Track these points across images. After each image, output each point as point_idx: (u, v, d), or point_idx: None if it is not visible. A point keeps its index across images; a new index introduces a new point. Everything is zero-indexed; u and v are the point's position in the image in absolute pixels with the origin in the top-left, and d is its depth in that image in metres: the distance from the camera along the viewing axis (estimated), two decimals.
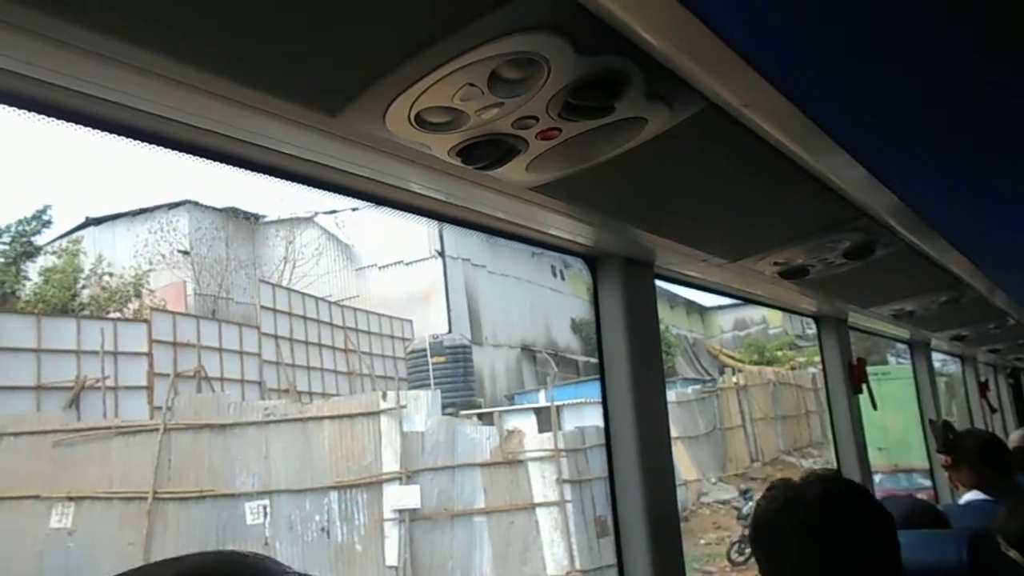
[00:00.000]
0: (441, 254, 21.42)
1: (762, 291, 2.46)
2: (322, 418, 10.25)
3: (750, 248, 1.89)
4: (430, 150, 1.08)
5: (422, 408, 10.40)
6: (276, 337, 17.66)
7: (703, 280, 2.20)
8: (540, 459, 9.70)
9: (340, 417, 10.22)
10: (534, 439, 10.29)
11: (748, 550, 10.52)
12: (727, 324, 33.07)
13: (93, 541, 10.08)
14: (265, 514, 9.67)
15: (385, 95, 0.93)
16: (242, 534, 9.52)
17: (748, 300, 2.64)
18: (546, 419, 16.20)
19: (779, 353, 26.99)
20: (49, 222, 20.63)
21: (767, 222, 1.77)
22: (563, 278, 25.43)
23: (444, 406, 11.91)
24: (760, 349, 27.94)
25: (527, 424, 14.32)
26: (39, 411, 12.32)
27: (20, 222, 20.05)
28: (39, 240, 20.31)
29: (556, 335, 24.61)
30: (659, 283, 1.94)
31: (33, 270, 19.00)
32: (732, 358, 27.76)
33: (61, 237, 20.48)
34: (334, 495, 9.83)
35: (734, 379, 19.90)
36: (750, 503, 10.96)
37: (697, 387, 18.20)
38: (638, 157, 1.22)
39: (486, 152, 1.07)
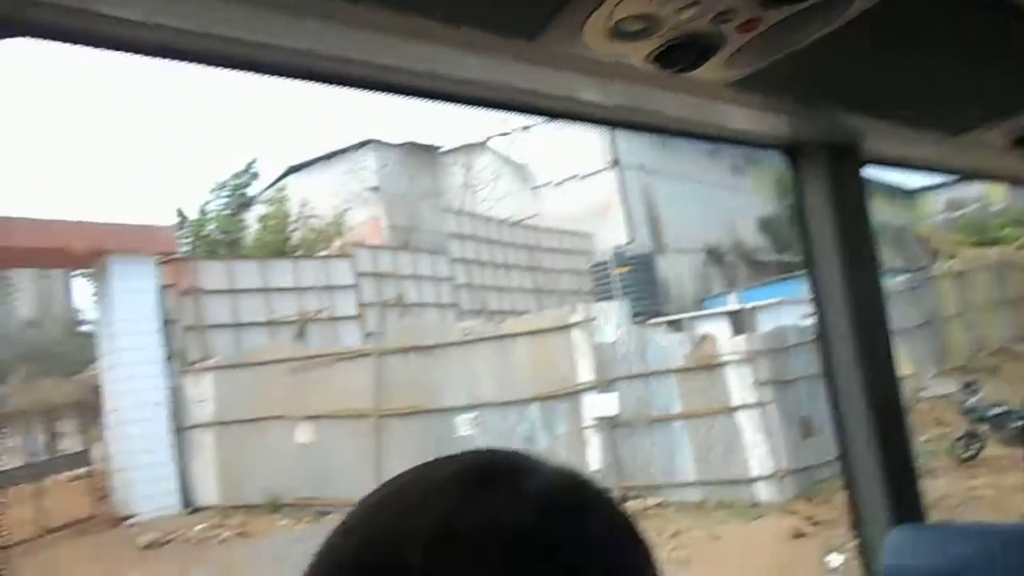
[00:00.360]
0: (615, 164, 21.06)
1: (988, 165, 2.20)
2: (516, 335, 10.71)
3: (977, 117, 1.69)
4: (627, 59, 1.07)
5: (611, 319, 10.52)
6: (465, 261, 18.50)
7: (917, 160, 2.01)
8: (736, 362, 9.53)
9: (533, 333, 10.62)
10: (728, 343, 10.09)
11: (975, 445, 9.79)
12: (937, 206, 29.95)
13: (331, 453, 11.44)
14: (475, 426, 10.41)
15: (582, 11, 0.94)
16: (456, 444, 10.33)
17: (969, 177, 2.38)
18: (739, 322, 15.81)
19: (1004, 232, 24.10)
20: (256, 174, 22.79)
21: (999, 85, 1.57)
22: (744, 176, 24.15)
23: (632, 316, 11.97)
24: (980, 229, 25.12)
25: (719, 328, 14.07)
26: (274, 343, 13.97)
27: (235, 176, 22.32)
28: (251, 191, 22.54)
29: (742, 235, 23.63)
30: None
31: (250, 219, 21.19)
32: (946, 242, 25.23)
33: (269, 187, 22.57)
34: (535, 406, 10.34)
35: (949, 265, 18.12)
36: (976, 396, 10.12)
37: (907, 277, 16.76)
38: (844, 36, 1.13)
39: (683, 54, 1.05)
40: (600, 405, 9.94)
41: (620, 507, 0.55)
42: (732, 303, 17.51)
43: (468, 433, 10.35)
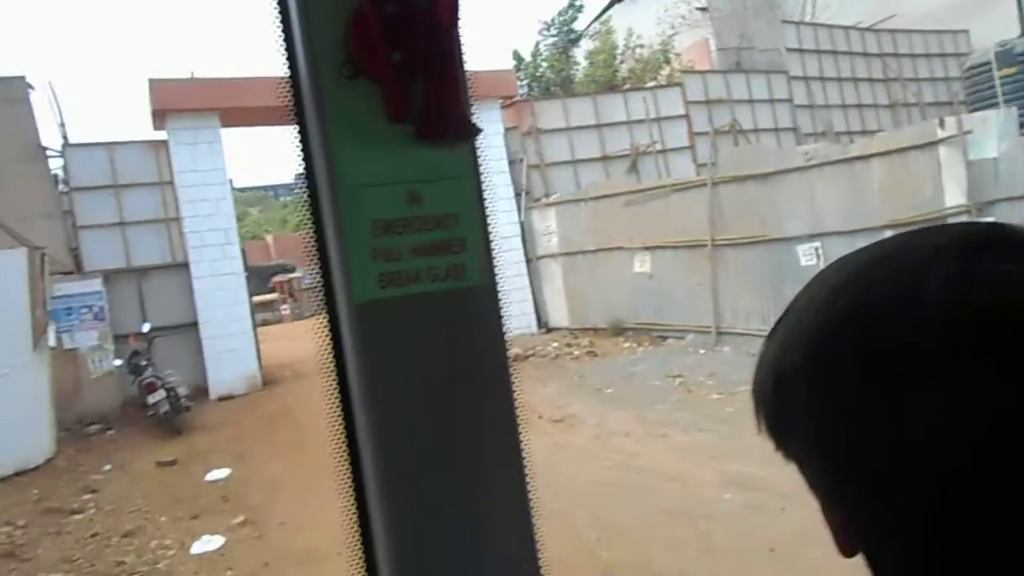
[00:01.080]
0: None
1: None
2: (868, 156, 9.67)
3: None
4: None
5: (991, 131, 8.93)
6: (806, 79, 16.86)
7: None
8: None
9: (888, 153, 9.48)
10: None
11: None
12: None
13: (668, 281, 11.85)
14: (817, 256, 9.89)
15: None
16: (796, 274, 9.97)
17: None
18: None
19: None
20: (581, 7, 22.75)
21: None
22: None
23: (1020, 126, 10.03)
24: None
25: None
26: (607, 177, 14.49)
27: (560, 13, 22.59)
28: (577, 26, 22.68)
29: None
30: None
31: (579, 55, 21.50)
32: None
33: (594, 20, 22.48)
34: (889, 234, 9.44)
35: None
36: None
37: None
38: None
39: None
40: None
41: None
42: None
43: (810, 262, 9.88)
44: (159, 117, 11.79)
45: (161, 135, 12.11)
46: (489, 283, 0.70)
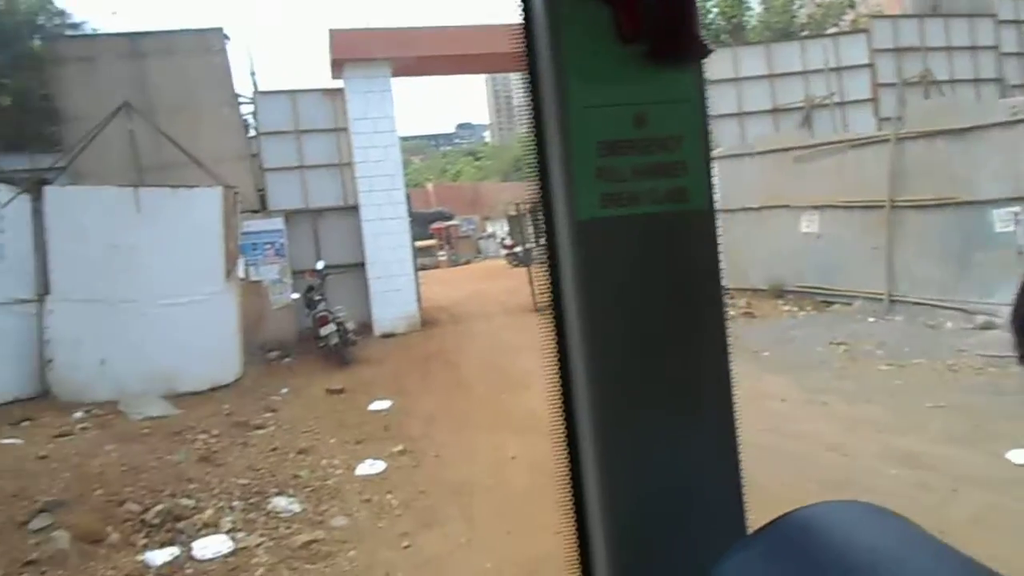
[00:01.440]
0: None
1: None
2: None
3: None
4: None
5: None
6: (1018, 23, 14.95)
7: None
8: None
9: None
10: None
11: None
12: None
13: (838, 244, 11.13)
14: (1016, 221, 8.90)
15: None
16: (989, 242, 9.05)
17: None
18: None
19: None
20: None
21: None
22: None
23: None
24: None
25: None
26: (777, 131, 13.71)
27: None
28: None
29: None
30: None
31: (752, 0, 20.24)
32: None
33: None
34: None
35: None
36: None
37: None
38: None
39: None
40: None
41: None
42: None
43: (1007, 229, 8.92)
44: (337, 66, 12.44)
45: (338, 84, 12.79)
46: (708, 208, 0.70)
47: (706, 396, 0.71)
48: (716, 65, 14.17)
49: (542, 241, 0.72)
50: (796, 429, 6.32)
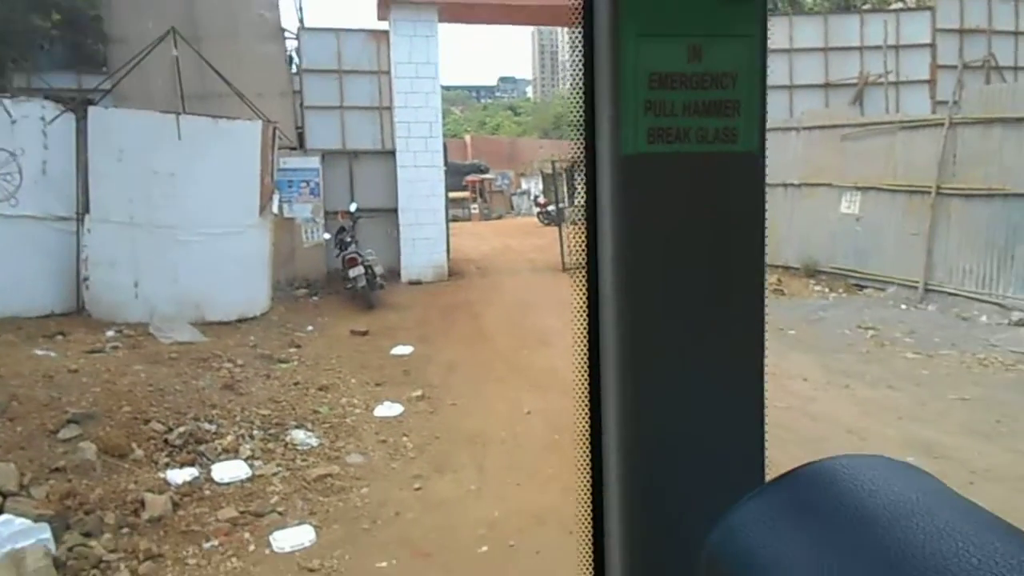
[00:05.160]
0: None
1: None
2: None
3: None
4: None
5: None
6: None
7: None
8: None
9: None
10: None
11: None
12: None
13: (877, 227, 10.90)
14: None
15: None
16: None
17: None
18: None
19: None
20: None
21: None
22: None
23: None
24: None
25: None
26: (827, 107, 13.35)
27: None
28: None
29: None
30: None
31: None
32: None
33: None
34: None
35: None
36: None
37: None
38: None
39: None
40: None
41: None
42: None
43: None
44: (383, 6, 12.29)
45: (383, 26, 12.65)
46: (757, 151, 0.68)
47: (739, 348, 0.69)
48: (771, 34, 13.74)
49: (581, 179, 0.70)
50: (816, 410, 6.29)
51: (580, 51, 0.68)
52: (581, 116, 0.69)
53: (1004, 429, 5.55)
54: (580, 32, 0.68)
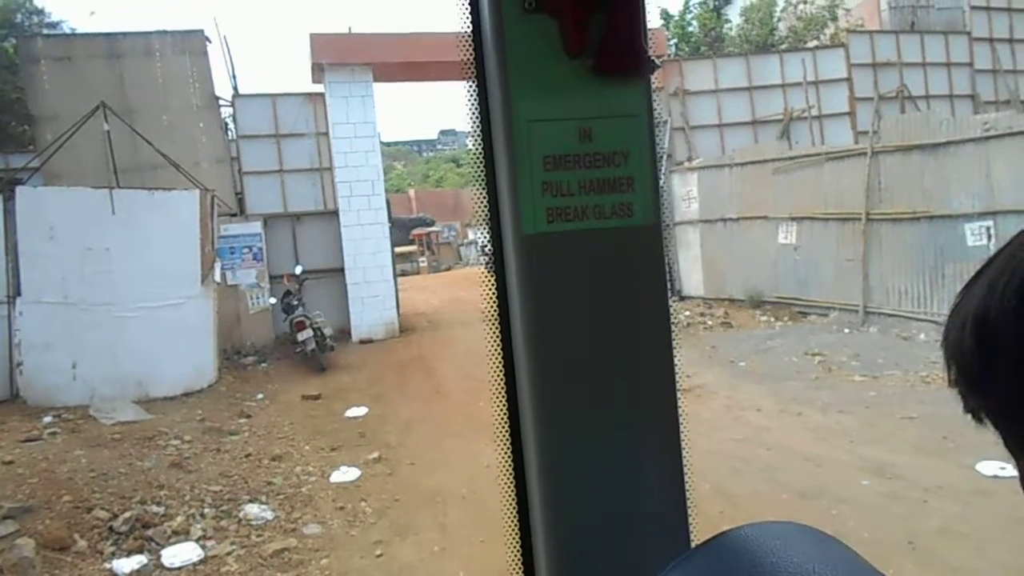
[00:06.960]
0: None
1: None
2: None
3: None
4: None
5: None
6: (991, 40, 15.24)
7: None
8: None
9: None
10: None
11: None
12: None
13: (815, 255, 11.25)
14: (988, 236, 9.04)
15: None
16: (961, 255, 9.18)
17: None
18: None
19: None
20: None
21: None
22: None
23: None
24: None
25: None
26: (756, 142, 13.83)
27: None
28: None
29: None
30: None
31: (732, 13, 20.44)
32: None
33: None
34: None
35: None
36: None
37: None
38: None
39: None
40: None
41: None
42: None
43: (979, 243, 9.06)
44: (317, 70, 12.38)
45: (318, 88, 12.73)
46: (655, 224, 0.70)
47: (652, 413, 0.70)
48: (697, 76, 14.29)
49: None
50: (771, 439, 6.36)
51: (479, 134, 0.70)
52: (485, 197, 0.71)
53: (951, 445, 5.69)
54: (478, 117, 0.70)
